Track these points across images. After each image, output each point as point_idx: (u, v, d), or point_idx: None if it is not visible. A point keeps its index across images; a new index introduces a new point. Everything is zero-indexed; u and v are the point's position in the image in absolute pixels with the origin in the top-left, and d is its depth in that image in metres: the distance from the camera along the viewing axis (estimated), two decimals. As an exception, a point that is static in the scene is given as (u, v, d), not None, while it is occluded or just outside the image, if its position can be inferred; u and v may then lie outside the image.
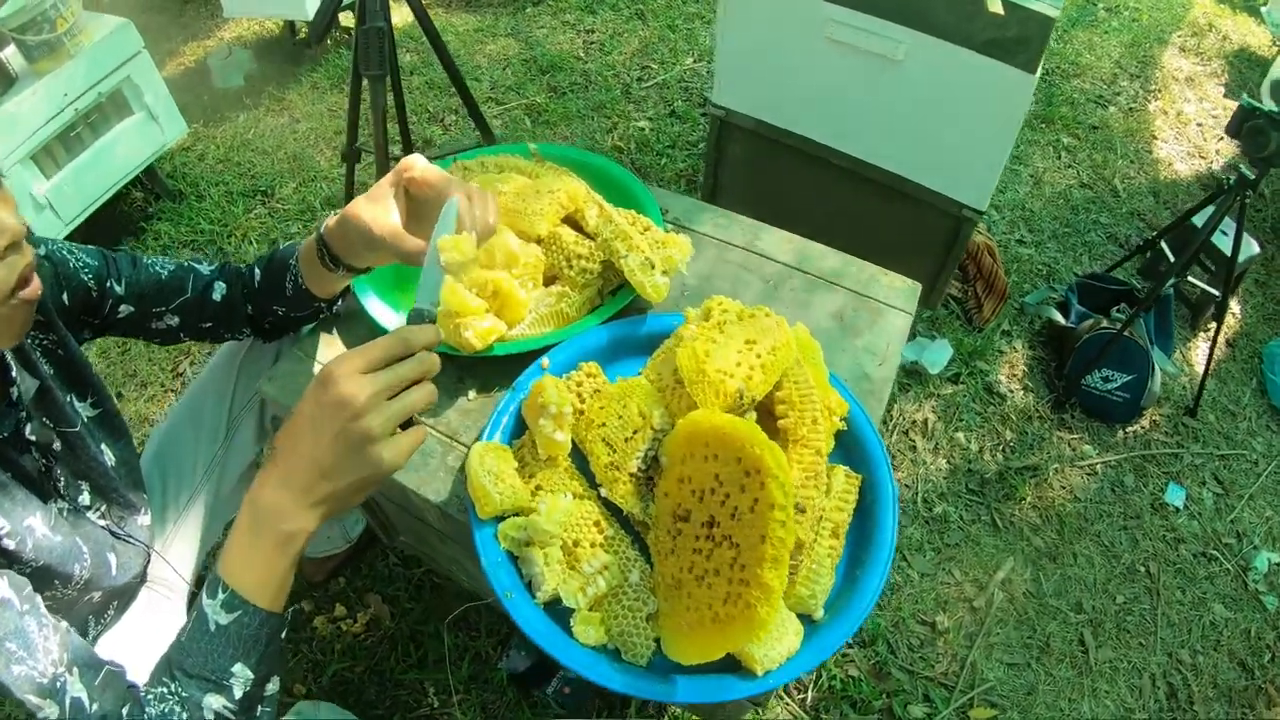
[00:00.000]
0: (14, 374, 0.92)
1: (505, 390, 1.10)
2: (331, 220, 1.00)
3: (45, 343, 1.01)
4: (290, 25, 3.04)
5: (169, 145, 2.53)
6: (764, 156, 1.96)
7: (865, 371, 1.22)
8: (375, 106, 1.58)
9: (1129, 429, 2.28)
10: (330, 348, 1.20)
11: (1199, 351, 2.51)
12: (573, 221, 1.19)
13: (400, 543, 1.57)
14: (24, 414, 0.93)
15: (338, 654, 1.70)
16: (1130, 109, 3.19)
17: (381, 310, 1.15)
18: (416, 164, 0.94)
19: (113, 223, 2.54)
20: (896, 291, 1.35)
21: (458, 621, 1.72)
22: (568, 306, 1.13)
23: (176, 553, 1.27)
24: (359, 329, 1.21)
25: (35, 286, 0.83)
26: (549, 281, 1.18)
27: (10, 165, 2.13)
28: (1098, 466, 2.22)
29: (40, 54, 2.16)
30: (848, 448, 1.07)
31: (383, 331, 1.13)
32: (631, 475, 0.98)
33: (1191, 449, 2.27)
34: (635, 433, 0.99)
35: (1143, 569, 2.04)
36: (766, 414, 1.01)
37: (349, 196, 2.04)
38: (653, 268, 1.11)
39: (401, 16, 2.91)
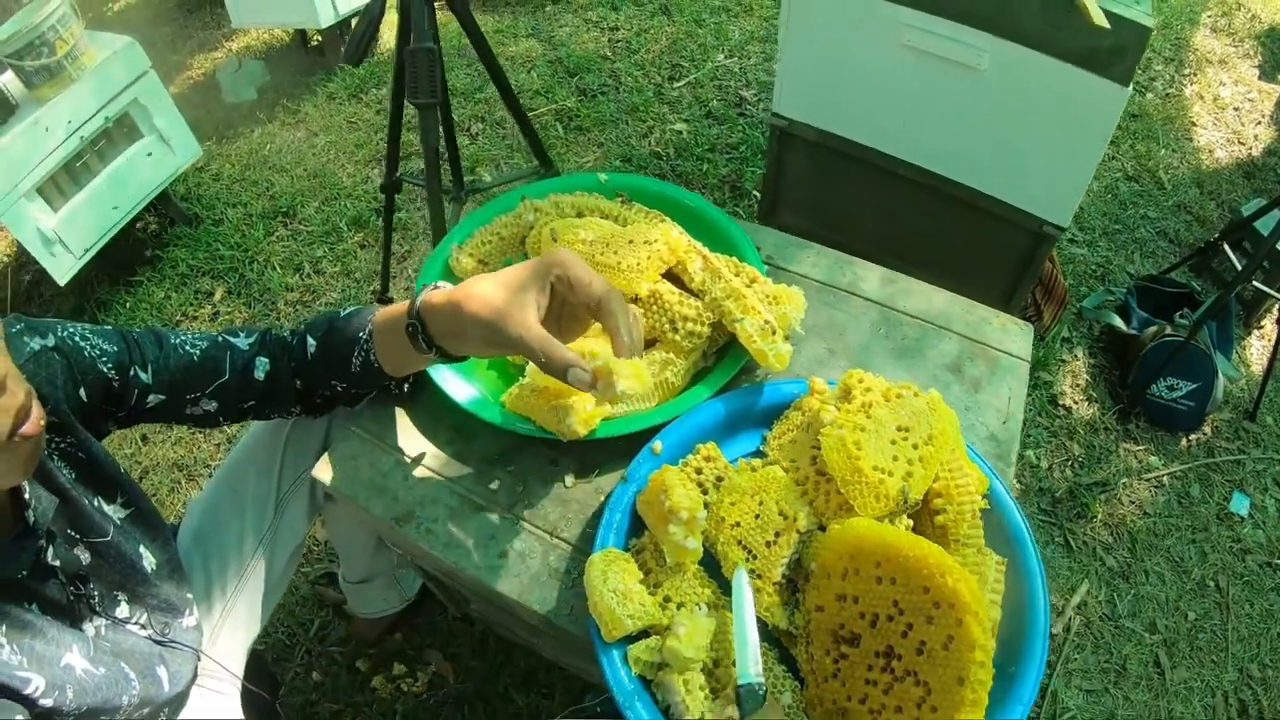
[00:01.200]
0: (28, 496, 0.79)
1: (609, 475, 0.96)
2: (435, 296, 0.83)
3: (63, 446, 0.87)
4: (301, 34, 2.85)
5: (182, 168, 2.35)
6: (828, 169, 1.81)
7: (991, 432, 1.08)
8: (427, 141, 1.41)
9: (1191, 437, 2.18)
10: (394, 427, 1.04)
11: (1253, 350, 2.41)
12: (670, 274, 1.04)
13: (471, 610, 1.44)
14: (43, 540, 0.81)
15: (400, 716, 1.57)
16: (1167, 94, 3.04)
17: (456, 384, 1.00)
18: (572, 264, 0.79)
19: (126, 252, 2.38)
20: (1011, 335, 1.21)
21: (527, 679, 1.58)
22: (673, 375, 0.99)
23: (225, 645, 1.14)
24: (425, 400, 1.06)
25: (36, 420, 0.71)
26: (648, 346, 1.03)
27: (15, 199, 1.96)
28: (1164, 478, 2.13)
29: (40, 80, 1.98)
30: (988, 526, 0.93)
31: (454, 406, 0.99)
32: (776, 584, 0.84)
33: (1253, 454, 2.19)
34: (777, 535, 0.85)
35: (1212, 583, 1.95)
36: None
37: (387, 234, 1.88)
38: (773, 332, 0.96)
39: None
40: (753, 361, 1.01)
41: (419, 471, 1.00)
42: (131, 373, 0.92)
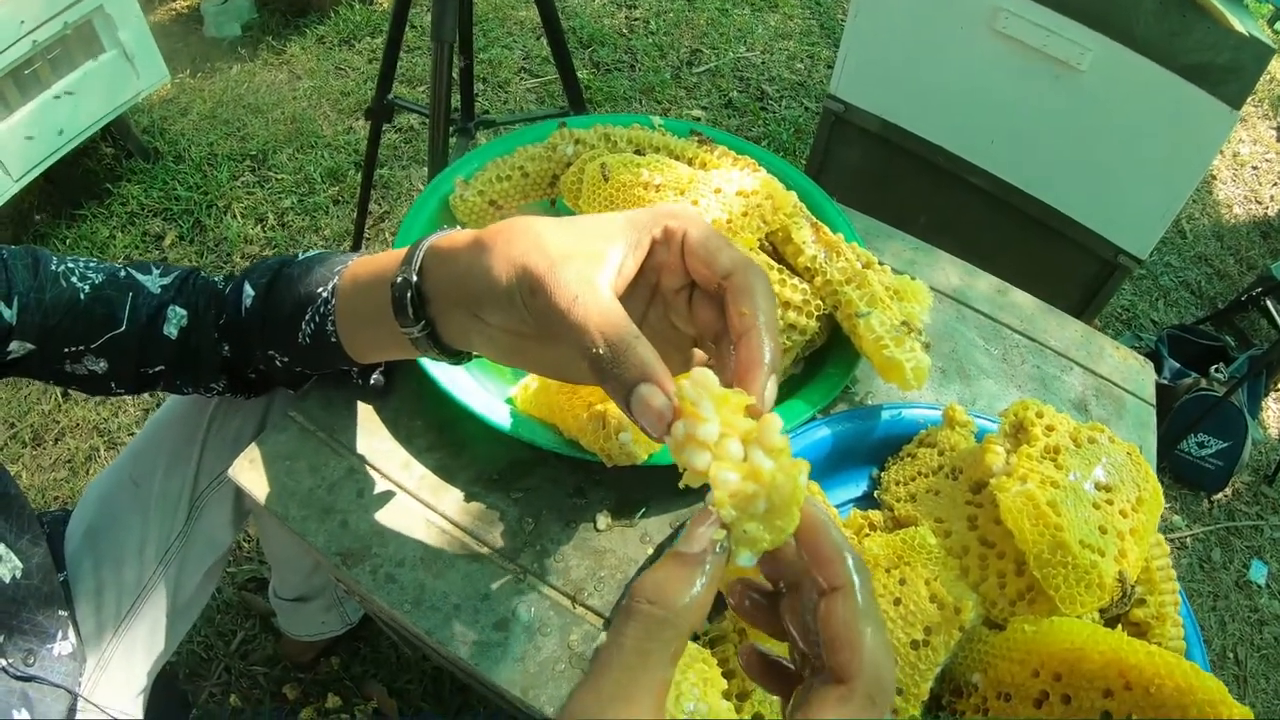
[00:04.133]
0: None
1: (660, 517, 0.62)
2: (450, 238, 0.47)
3: None
4: (295, -29, 2.47)
5: (145, 93, 1.96)
6: (883, 164, 1.50)
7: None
8: (439, 72, 1.05)
9: (1214, 497, 1.97)
10: (353, 418, 0.69)
11: (1270, 413, 2.22)
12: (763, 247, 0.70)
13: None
14: None
15: (328, 762, 1.22)
16: (1187, 145, 2.82)
17: (448, 366, 0.66)
18: (692, 219, 0.42)
19: (73, 182, 1.98)
20: (1131, 372, 0.92)
21: (486, 730, 1.24)
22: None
23: (117, 680, 0.80)
24: (400, 385, 0.71)
25: None
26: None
27: (-51, 102, 1.57)
28: (1187, 539, 1.90)
29: (-11, -31, 1.58)
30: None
31: (442, 396, 0.64)
32: (923, 702, 0.52)
33: (1270, 520, 2.02)
34: (928, 632, 0.53)
35: (1231, 655, 1.73)
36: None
37: (369, 166, 1.46)
38: (909, 333, 0.64)
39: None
40: (863, 374, 0.69)
41: (381, 486, 0.65)
42: None
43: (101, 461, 1.59)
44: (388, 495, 0.64)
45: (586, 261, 0.39)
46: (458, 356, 0.50)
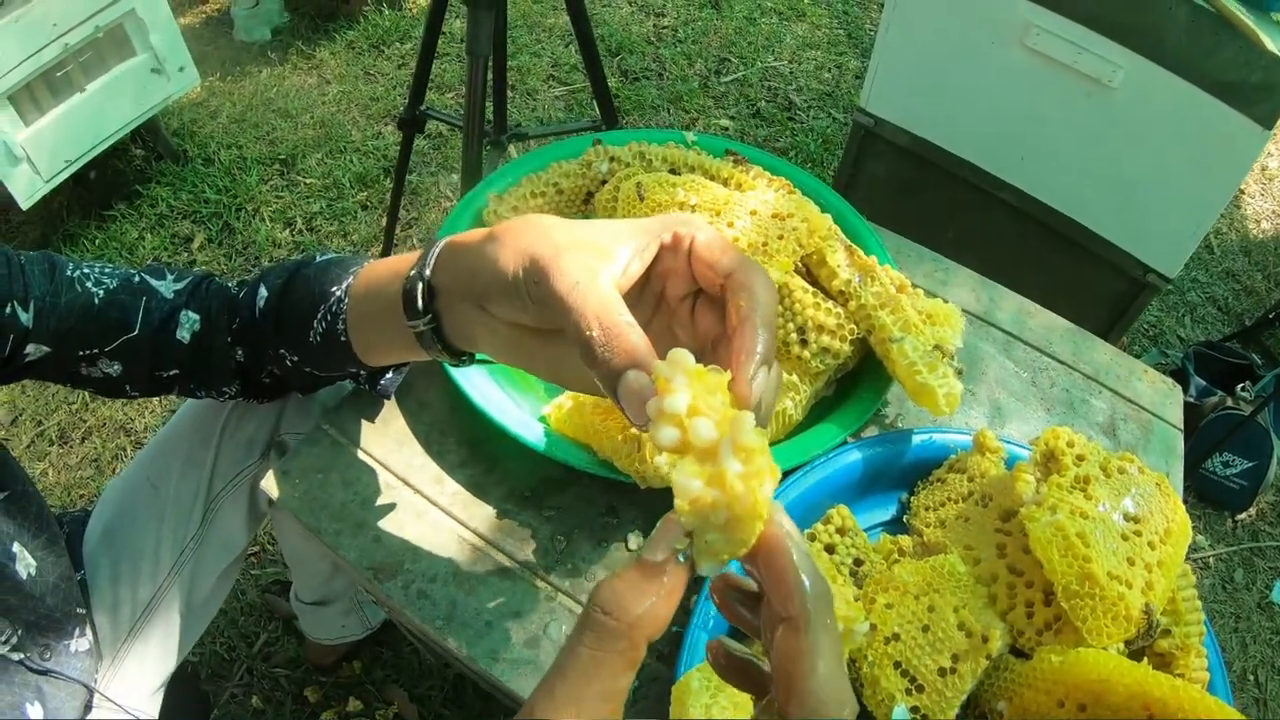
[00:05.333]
0: None
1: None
2: (466, 234, 0.48)
3: None
4: (325, -25, 2.49)
5: (175, 96, 1.99)
6: (912, 178, 1.50)
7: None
8: (473, 83, 1.05)
9: (1238, 517, 1.96)
10: (385, 431, 0.71)
11: None
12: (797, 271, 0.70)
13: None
14: None
15: (348, 765, 1.23)
16: (1217, 158, 2.79)
17: (481, 381, 0.67)
18: (700, 225, 0.43)
19: (103, 183, 2.01)
20: (1161, 396, 0.92)
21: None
22: (793, 406, 0.66)
23: (132, 677, 0.81)
24: (434, 399, 0.72)
25: None
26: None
27: (-20, 104, 1.60)
28: (1210, 559, 1.88)
29: (26, -29, 1.61)
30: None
31: (474, 412, 0.65)
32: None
33: None
34: (956, 660, 0.53)
35: (1252, 677, 1.71)
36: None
37: (400, 174, 1.48)
38: (941, 358, 0.64)
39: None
40: (893, 396, 0.69)
41: (413, 502, 0.66)
42: (8, 309, 0.59)
43: (126, 461, 1.61)
44: (420, 511, 0.65)
45: (592, 253, 0.40)
46: (460, 356, 0.51)
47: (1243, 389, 1.97)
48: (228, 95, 2.24)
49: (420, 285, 0.48)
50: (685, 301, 0.44)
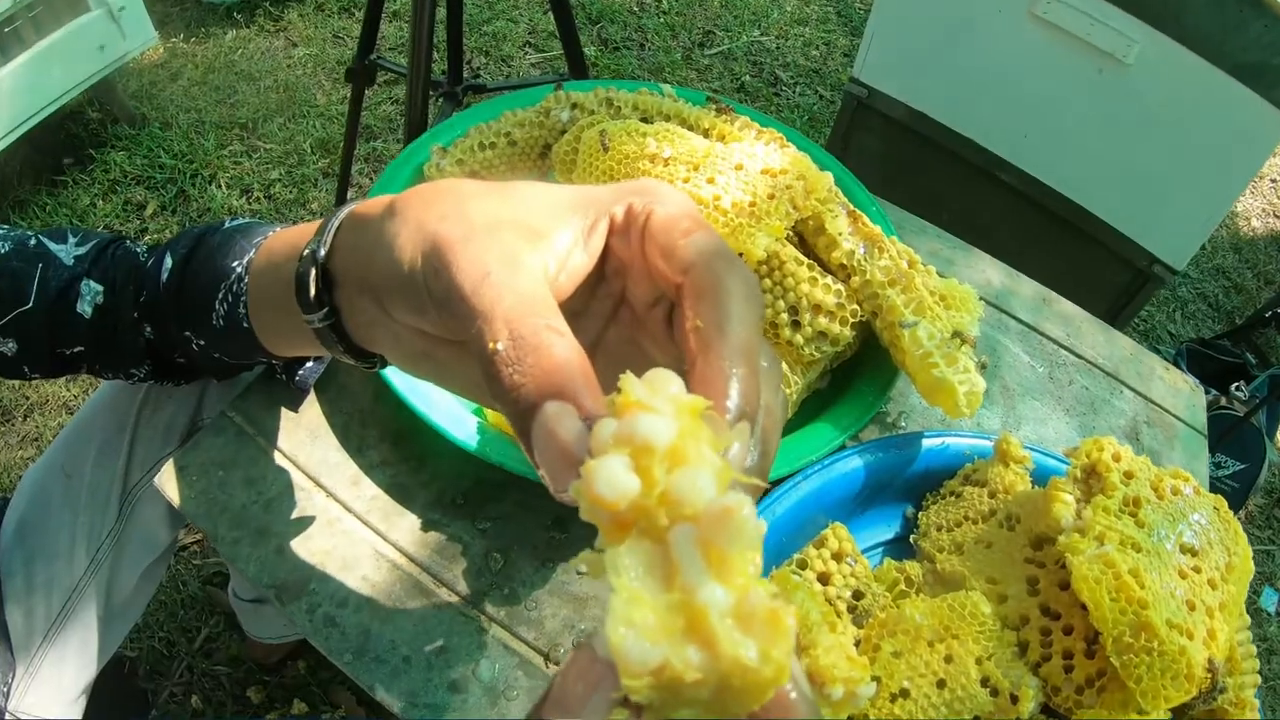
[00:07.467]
0: None
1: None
2: (371, 203, 0.34)
3: None
4: (297, -64, 2.33)
5: (132, 55, 1.84)
6: (907, 155, 1.38)
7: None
8: (420, 25, 0.90)
9: None
10: (298, 423, 0.58)
11: None
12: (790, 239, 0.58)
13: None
14: None
15: (289, 773, 1.12)
16: (1208, 154, 2.71)
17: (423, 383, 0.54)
18: (665, 196, 0.29)
19: (56, 144, 1.86)
20: (1183, 398, 0.82)
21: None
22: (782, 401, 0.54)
23: (47, 688, 0.71)
24: (359, 387, 0.60)
25: None
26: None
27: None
28: None
29: (-30, -86, 1.46)
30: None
31: (400, 405, 0.52)
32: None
33: None
34: (974, 726, 0.42)
35: None
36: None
37: (351, 130, 1.32)
38: (961, 345, 0.52)
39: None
40: (896, 389, 0.58)
41: (325, 507, 0.54)
42: None
43: (68, 440, 1.48)
44: (333, 518, 0.53)
45: (517, 236, 0.28)
46: (369, 359, 0.38)
47: (1237, 389, 1.88)
48: (190, 57, 2.09)
49: (314, 270, 0.35)
50: (657, 308, 0.31)
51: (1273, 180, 2.73)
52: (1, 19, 1.59)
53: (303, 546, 0.52)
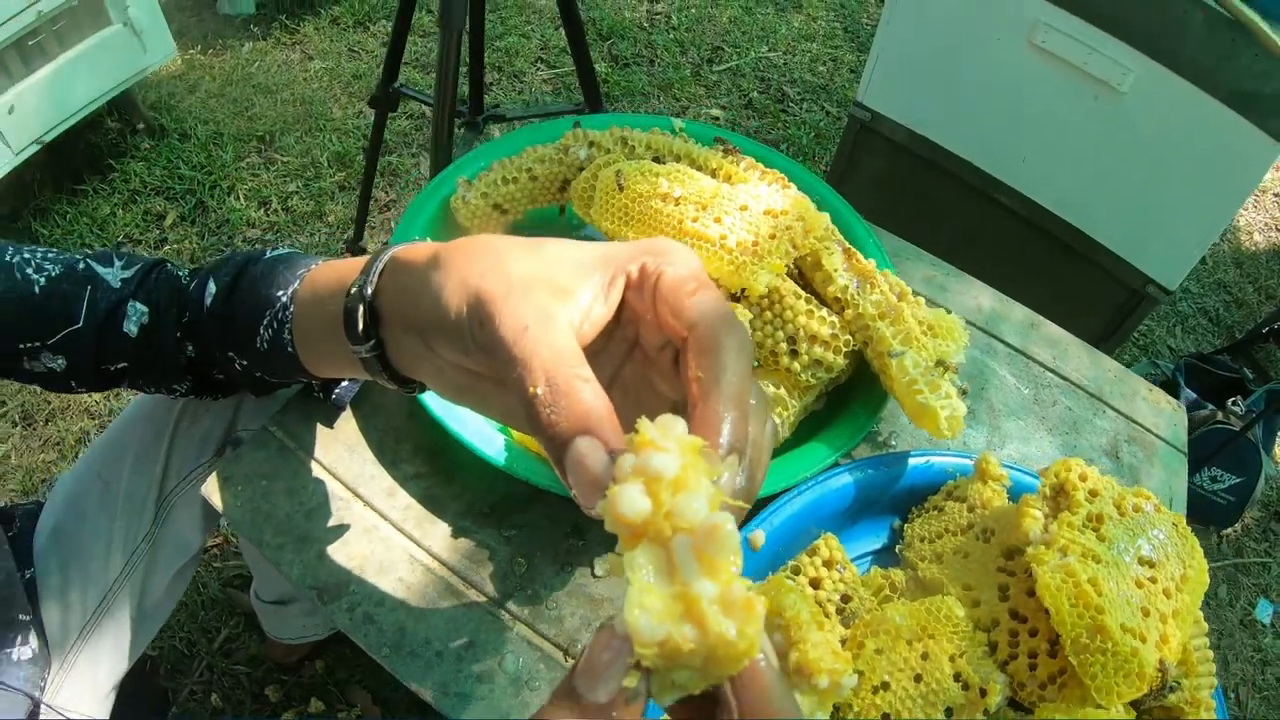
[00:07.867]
0: None
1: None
2: (416, 250, 0.40)
3: None
4: (313, -51, 2.40)
5: (152, 68, 1.90)
6: (908, 176, 1.44)
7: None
8: (446, 61, 0.97)
9: (1224, 533, 1.93)
10: (335, 437, 0.64)
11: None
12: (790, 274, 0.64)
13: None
14: None
15: (307, 769, 1.17)
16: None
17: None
18: (677, 256, 0.35)
19: (76, 155, 1.93)
20: (1164, 417, 0.87)
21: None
22: (780, 422, 0.60)
23: (81, 683, 0.76)
24: (393, 405, 0.66)
25: None
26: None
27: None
28: None
29: (-1, -65, 1.53)
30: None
31: (432, 422, 0.58)
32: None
33: (1278, 557, 1.95)
34: (949, 714, 0.47)
35: (1233, 695, 1.68)
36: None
37: (372, 156, 1.40)
38: (944, 373, 0.58)
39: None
40: (886, 411, 0.64)
41: (363, 515, 0.60)
42: None
43: (90, 445, 1.54)
44: (370, 526, 0.59)
45: (550, 294, 0.34)
46: (410, 385, 0.44)
47: (1234, 404, 1.93)
48: (207, 69, 2.16)
49: (361, 307, 0.41)
50: (666, 350, 0.36)
51: (1275, 195, 2.77)
52: (25, 32, 1.65)
53: (342, 551, 0.58)
